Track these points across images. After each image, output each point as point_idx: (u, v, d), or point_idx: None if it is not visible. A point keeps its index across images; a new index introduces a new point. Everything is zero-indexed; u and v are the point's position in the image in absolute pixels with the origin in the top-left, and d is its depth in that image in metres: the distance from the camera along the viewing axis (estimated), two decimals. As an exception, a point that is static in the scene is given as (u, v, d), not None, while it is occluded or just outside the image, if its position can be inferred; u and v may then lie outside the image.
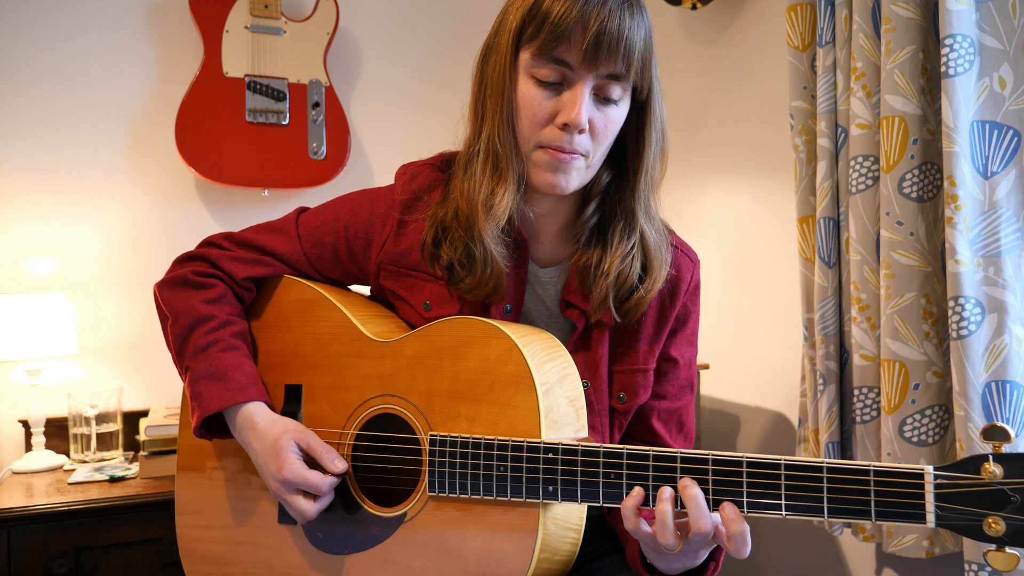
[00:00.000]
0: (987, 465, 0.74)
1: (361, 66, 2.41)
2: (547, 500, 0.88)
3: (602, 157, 0.99)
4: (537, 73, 0.94)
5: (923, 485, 0.75)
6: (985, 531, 0.74)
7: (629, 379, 1.04)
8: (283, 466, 0.95)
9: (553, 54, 0.92)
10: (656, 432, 1.07)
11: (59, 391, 2.04)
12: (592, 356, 1.03)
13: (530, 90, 0.94)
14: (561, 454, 0.87)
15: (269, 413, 1.02)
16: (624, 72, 0.93)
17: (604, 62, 0.91)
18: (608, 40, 0.90)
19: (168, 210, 2.20)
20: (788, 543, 2.19)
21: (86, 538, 1.65)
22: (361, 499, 0.99)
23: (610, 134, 0.97)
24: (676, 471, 0.84)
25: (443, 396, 0.95)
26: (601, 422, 1.04)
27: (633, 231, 1.01)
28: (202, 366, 1.02)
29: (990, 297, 1.46)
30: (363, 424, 1.01)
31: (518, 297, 1.04)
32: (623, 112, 0.98)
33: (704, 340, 2.49)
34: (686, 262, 1.08)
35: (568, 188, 0.97)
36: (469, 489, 0.91)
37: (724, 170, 2.39)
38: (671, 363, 1.08)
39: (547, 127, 0.94)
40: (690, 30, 2.51)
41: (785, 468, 0.80)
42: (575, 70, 0.92)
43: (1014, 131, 1.47)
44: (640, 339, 1.05)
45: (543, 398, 0.90)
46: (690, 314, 1.08)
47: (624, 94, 0.96)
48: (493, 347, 0.93)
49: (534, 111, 0.94)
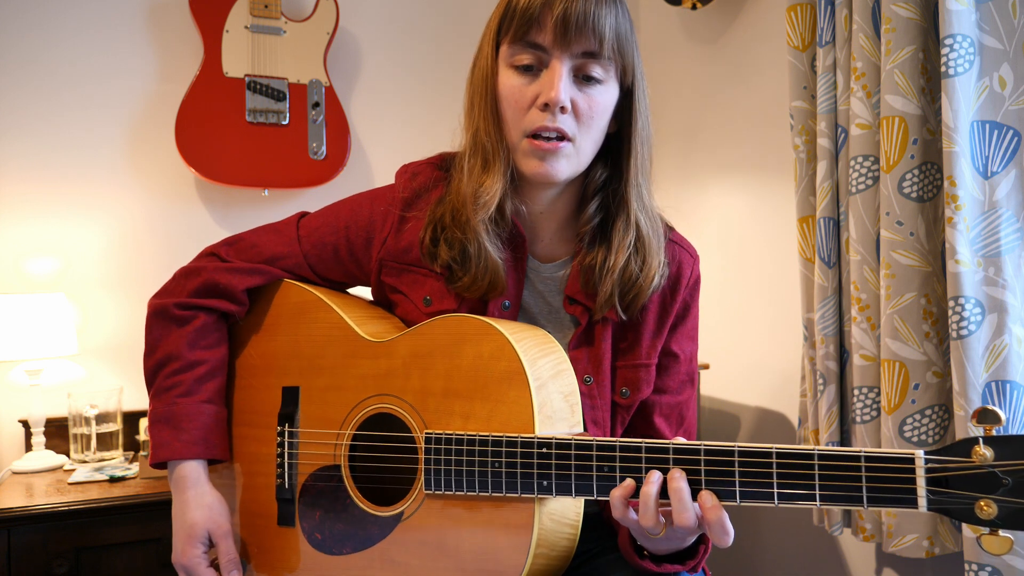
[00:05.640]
0: (978, 448, 0.74)
1: (361, 66, 2.41)
2: (542, 495, 0.89)
3: (593, 143, 1.00)
4: (515, 61, 0.97)
5: (914, 469, 0.75)
6: (977, 514, 0.73)
7: (632, 374, 1.05)
8: (184, 552, 1.02)
9: (526, 39, 0.96)
10: (657, 429, 1.08)
11: (59, 391, 2.04)
12: (595, 351, 1.04)
13: (510, 79, 0.98)
14: (555, 448, 0.88)
15: (204, 481, 1.05)
16: (598, 49, 0.95)
17: (575, 39, 0.94)
18: (576, 17, 0.93)
19: (168, 210, 2.20)
20: (788, 543, 2.19)
21: (86, 538, 1.65)
22: (359, 499, 1.00)
23: (596, 115, 0.98)
24: (669, 462, 0.84)
25: (437, 394, 0.95)
26: (603, 417, 1.04)
27: (631, 224, 1.03)
28: (161, 408, 1.06)
29: (990, 297, 1.46)
30: (360, 424, 1.01)
31: (517, 293, 1.05)
32: (609, 95, 0.99)
33: (704, 340, 2.49)
34: (686, 257, 1.09)
35: (558, 175, 0.98)
36: (465, 486, 0.91)
37: (724, 170, 2.39)
38: (672, 357, 1.08)
39: (530, 111, 0.97)
40: (690, 30, 2.51)
41: (777, 456, 0.80)
42: (549, 51, 0.95)
43: (1014, 131, 1.47)
44: (643, 334, 1.05)
45: (536, 394, 0.90)
46: (690, 309, 1.10)
47: (607, 75, 0.98)
48: (486, 344, 0.93)
49: (516, 97, 0.97)
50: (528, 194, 1.04)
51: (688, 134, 2.53)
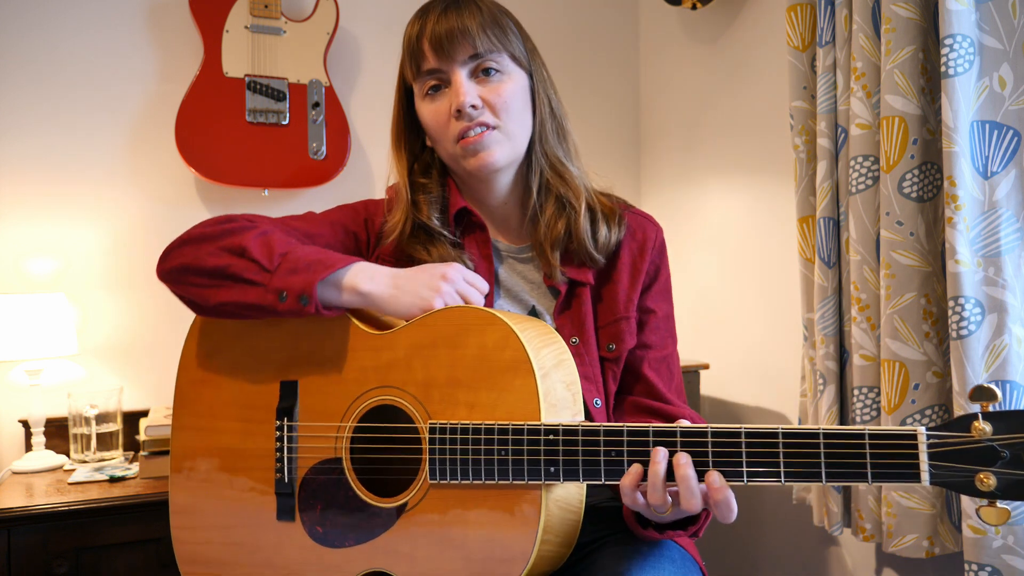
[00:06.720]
0: (977, 423, 0.77)
1: (361, 66, 2.41)
2: (549, 481, 0.90)
3: (520, 125, 1.11)
4: (424, 89, 1.11)
5: (916, 445, 0.78)
6: (977, 487, 0.76)
7: (614, 328, 1.13)
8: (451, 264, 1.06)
9: (421, 69, 1.10)
10: (648, 380, 1.14)
11: (59, 391, 2.04)
12: (577, 314, 1.12)
13: (428, 106, 1.11)
14: (562, 434, 0.89)
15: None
16: (476, 49, 1.07)
17: (454, 50, 1.07)
18: (446, 34, 1.07)
19: (168, 210, 2.20)
20: (788, 543, 2.19)
21: (86, 538, 1.65)
22: (361, 491, 1.00)
23: (508, 100, 1.09)
24: (676, 445, 0.87)
25: (441, 385, 0.96)
26: (594, 372, 1.11)
27: (551, 189, 1.15)
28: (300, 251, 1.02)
29: (990, 297, 1.46)
30: (361, 416, 1.01)
31: (489, 279, 1.13)
32: (513, 82, 1.10)
33: (704, 340, 2.49)
34: (649, 226, 1.20)
35: (495, 160, 1.09)
36: (471, 475, 0.92)
37: (724, 170, 2.39)
38: (650, 313, 1.16)
39: (451, 122, 1.09)
40: (690, 30, 2.51)
41: (783, 436, 0.83)
42: (442, 69, 1.09)
43: (1014, 131, 1.47)
44: (618, 292, 1.14)
45: (541, 382, 0.92)
46: (660, 270, 1.18)
47: (502, 65, 1.10)
48: (490, 334, 0.94)
49: (436, 117, 1.10)
50: (482, 191, 1.16)
51: (688, 134, 2.53)
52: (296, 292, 0.97)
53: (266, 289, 0.99)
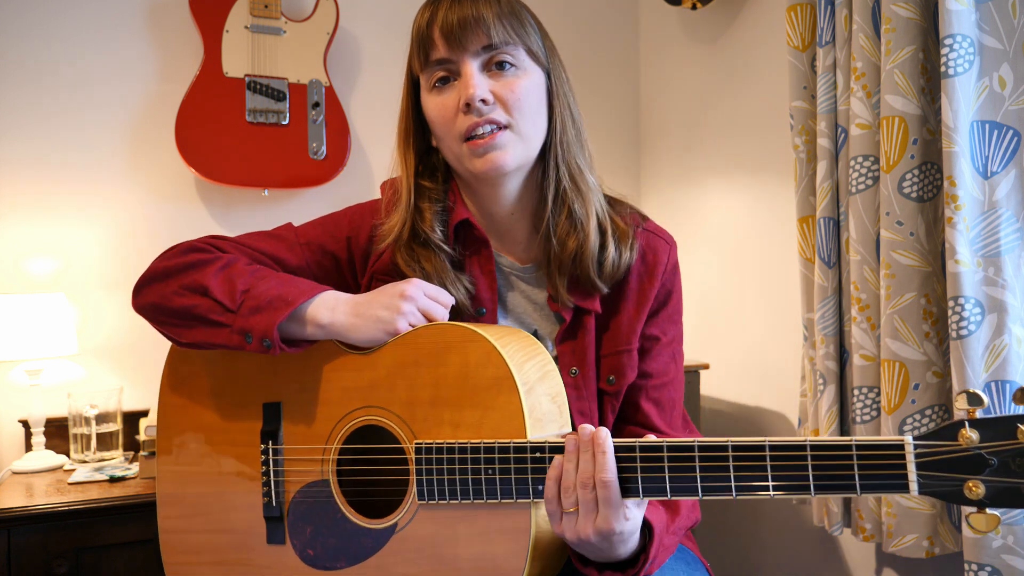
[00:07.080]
0: (964, 431, 0.76)
1: (361, 66, 2.41)
2: (538, 499, 0.89)
3: (534, 126, 1.03)
4: (432, 81, 1.03)
5: (904, 455, 0.77)
6: (966, 495, 0.75)
7: (615, 360, 1.06)
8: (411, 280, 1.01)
9: (430, 59, 1.02)
10: (644, 411, 1.09)
11: (59, 391, 2.04)
12: (580, 344, 1.06)
13: (434, 99, 1.03)
14: (548, 452, 0.88)
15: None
16: (491, 39, 0.99)
17: (467, 39, 0.99)
18: (459, 22, 0.99)
19: (168, 210, 2.20)
20: (788, 543, 2.19)
21: (86, 538, 1.65)
22: (350, 513, 0.99)
23: (522, 98, 1.01)
24: (663, 460, 0.85)
25: (425, 404, 0.95)
26: (591, 407, 1.06)
27: (564, 206, 1.05)
28: (262, 286, 1.00)
29: (990, 297, 1.46)
30: (346, 437, 1.00)
31: (491, 297, 1.07)
32: (528, 78, 1.02)
33: (704, 340, 2.49)
34: (662, 244, 1.11)
35: (505, 164, 1.00)
36: (459, 494, 0.91)
37: (724, 170, 2.39)
38: (653, 341, 1.09)
39: (458, 116, 1.01)
40: (690, 30, 2.51)
41: (770, 449, 0.81)
42: (452, 59, 1.01)
43: (1014, 131, 1.47)
44: (622, 321, 1.07)
45: (526, 398, 0.91)
46: (671, 294, 1.11)
47: (518, 59, 1.02)
48: (472, 351, 0.93)
49: (442, 111, 1.02)
50: (488, 196, 1.07)
51: (688, 134, 2.53)
52: (259, 335, 0.96)
53: (231, 330, 0.98)
